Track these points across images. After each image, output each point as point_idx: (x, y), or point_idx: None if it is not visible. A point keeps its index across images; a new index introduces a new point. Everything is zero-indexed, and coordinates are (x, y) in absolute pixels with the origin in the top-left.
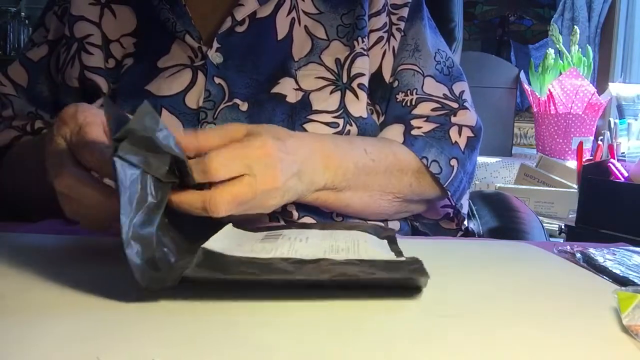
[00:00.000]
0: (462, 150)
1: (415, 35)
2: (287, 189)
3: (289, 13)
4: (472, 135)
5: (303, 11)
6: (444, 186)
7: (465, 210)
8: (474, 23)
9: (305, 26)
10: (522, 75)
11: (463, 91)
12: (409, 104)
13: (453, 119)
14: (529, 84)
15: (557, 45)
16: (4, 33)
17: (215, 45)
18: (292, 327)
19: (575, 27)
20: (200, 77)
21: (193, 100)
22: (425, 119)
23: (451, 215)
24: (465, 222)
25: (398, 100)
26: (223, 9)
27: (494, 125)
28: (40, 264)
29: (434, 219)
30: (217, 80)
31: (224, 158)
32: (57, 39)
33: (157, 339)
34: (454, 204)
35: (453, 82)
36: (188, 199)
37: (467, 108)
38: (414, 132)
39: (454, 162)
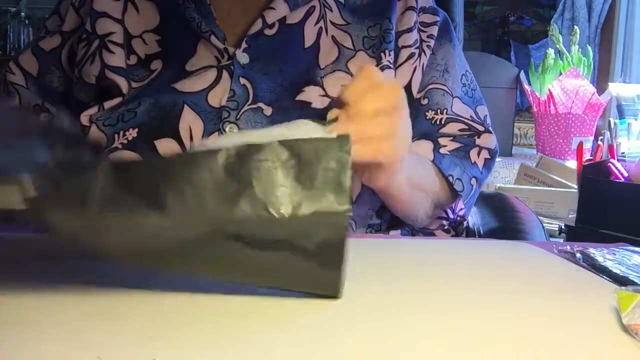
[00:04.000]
0: (481, 170)
1: (445, 56)
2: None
3: (317, 22)
4: (489, 157)
5: (331, 21)
6: (464, 203)
7: (468, 217)
8: (474, 23)
9: (333, 36)
10: (522, 75)
11: (486, 115)
12: (438, 122)
13: (477, 141)
14: (529, 84)
15: (557, 45)
16: (4, 33)
17: (244, 45)
18: (291, 327)
19: (575, 27)
20: (225, 76)
21: (216, 98)
22: (451, 138)
23: (446, 227)
24: (467, 221)
25: (427, 117)
26: (252, 11)
27: (494, 125)
28: (39, 263)
29: (430, 229)
30: (242, 80)
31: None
32: (72, 30)
33: (157, 339)
34: (464, 219)
35: (476, 105)
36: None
37: (490, 132)
38: (442, 150)
39: (473, 181)
